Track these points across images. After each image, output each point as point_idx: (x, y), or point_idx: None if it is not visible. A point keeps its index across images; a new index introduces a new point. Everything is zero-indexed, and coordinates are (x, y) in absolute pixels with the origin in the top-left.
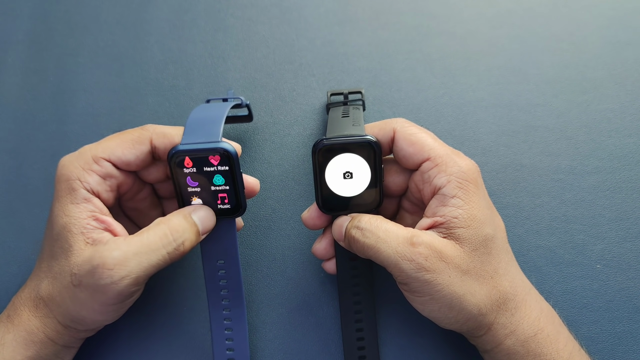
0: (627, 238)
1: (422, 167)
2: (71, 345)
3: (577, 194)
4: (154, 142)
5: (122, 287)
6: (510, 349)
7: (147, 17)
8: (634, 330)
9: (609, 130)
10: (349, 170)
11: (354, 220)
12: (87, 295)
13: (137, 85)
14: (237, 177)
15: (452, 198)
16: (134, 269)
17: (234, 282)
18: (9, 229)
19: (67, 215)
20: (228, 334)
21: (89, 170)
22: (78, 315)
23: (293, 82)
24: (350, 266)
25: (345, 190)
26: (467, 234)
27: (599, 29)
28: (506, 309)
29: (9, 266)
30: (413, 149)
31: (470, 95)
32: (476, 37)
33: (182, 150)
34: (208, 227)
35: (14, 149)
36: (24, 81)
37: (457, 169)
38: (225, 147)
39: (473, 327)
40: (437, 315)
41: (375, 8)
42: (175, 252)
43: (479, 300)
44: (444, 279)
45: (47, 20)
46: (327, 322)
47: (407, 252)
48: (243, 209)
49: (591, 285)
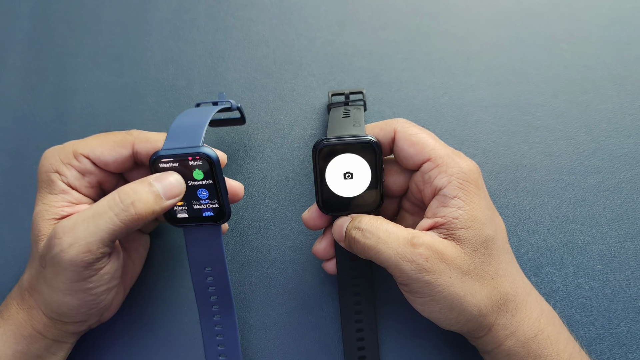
0: (627, 238)
1: (423, 167)
2: (62, 340)
3: (577, 194)
4: (136, 147)
5: (73, 255)
6: (510, 350)
7: (147, 17)
8: (634, 331)
9: (609, 130)
10: (350, 171)
11: (354, 220)
12: (52, 275)
13: (137, 85)
14: (219, 182)
15: (452, 199)
16: (81, 235)
17: (223, 289)
18: (9, 229)
19: (43, 203)
20: (220, 340)
21: (67, 164)
22: (53, 302)
23: (293, 82)
24: (350, 266)
25: (346, 191)
26: (467, 235)
27: (599, 29)
28: (507, 309)
29: (9, 266)
30: (414, 149)
31: (470, 95)
32: (476, 37)
33: (162, 155)
34: (173, 192)
35: (14, 149)
36: (24, 81)
37: (457, 170)
38: (206, 151)
39: (474, 328)
40: (437, 316)
41: (375, 8)
42: (124, 213)
43: (480, 301)
44: (444, 280)
45: (47, 20)
46: (327, 322)
47: (408, 253)
48: (227, 215)
49: (591, 286)
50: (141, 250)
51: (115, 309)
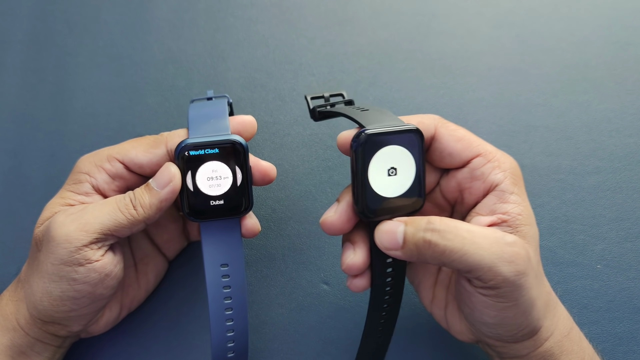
0: (627, 238)
1: (473, 163)
2: (45, 341)
3: (577, 194)
4: (169, 145)
5: (70, 230)
6: (547, 351)
7: (147, 17)
8: (635, 331)
9: (610, 130)
10: (394, 166)
11: (420, 222)
12: (44, 255)
13: (136, 85)
14: (247, 171)
15: (511, 194)
16: (83, 216)
17: (238, 290)
18: (9, 229)
19: (60, 197)
20: (230, 335)
21: (100, 167)
22: (37, 292)
23: (293, 82)
24: (385, 279)
25: (389, 190)
26: (531, 232)
27: (599, 29)
28: (549, 309)
29: (9, 266)
30: (461, 145)
31: (471, 95)
32: (476, 37)
33: (191, 143)
34: (163, 180)
35: (14, 149)
36: (24, 81)
37: (509, 165)
38: (237, 139)
39: (523, 334)
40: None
41: (375, 8)
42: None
43: (541, 304)
44: (530, 282)
45: (46, 20)
46: (327, 322)
47: (506, 253)
48: (249, 207)
49: (591, 286)
50: (150, 277)
51: (106, 325)
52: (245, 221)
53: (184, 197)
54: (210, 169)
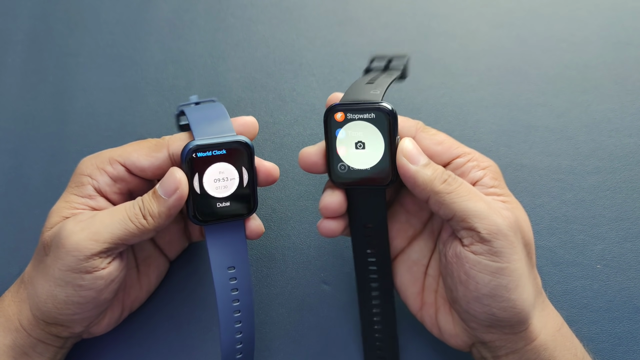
0: (627, 238)
1: (453, 164)
2: (47, 342)
3: (577, 194)
4: (171, 148)
5: (81, 239)
6: (541, 345)
7: (147, 17)
8: (634, 331)
9: (610, 130)
10: (361, 140)
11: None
12: (52, 260)
13: (137, 85)
14: (253, 172)
15: (490, 188)
16: (93, 224)
17: (246, 293)
18: (9, 229)
19: (64, 201)
20: (239, 337)
21: (101, 169)
22: (42, 294)
23: (293, 82)
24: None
25: (359, 162)
26: (518, 213)
27: (599, 29)
28: (539, 301)
29: (9, 266)
30: (441, 147)
31: (471, 95)
32: (476, 37)
33: (199, 145)
34: (170, 188)
35: (14, 149)
36: (24, 81)
37: (488, 164)
38: (245, 140)
39: (516, 320)
40: (495, 293)
41: (375, 8)
42: (136, 219)
43: (530, 290)
44: (520, 249)
45: (46, 20)
46: (327, 322)
47: (502, 212)
48: (254, 207)
49: (591, 286)
50: (152, 277)
51: (107, 325)
52: (250, 223)
53: (190, 201)
54: (217, 171)
